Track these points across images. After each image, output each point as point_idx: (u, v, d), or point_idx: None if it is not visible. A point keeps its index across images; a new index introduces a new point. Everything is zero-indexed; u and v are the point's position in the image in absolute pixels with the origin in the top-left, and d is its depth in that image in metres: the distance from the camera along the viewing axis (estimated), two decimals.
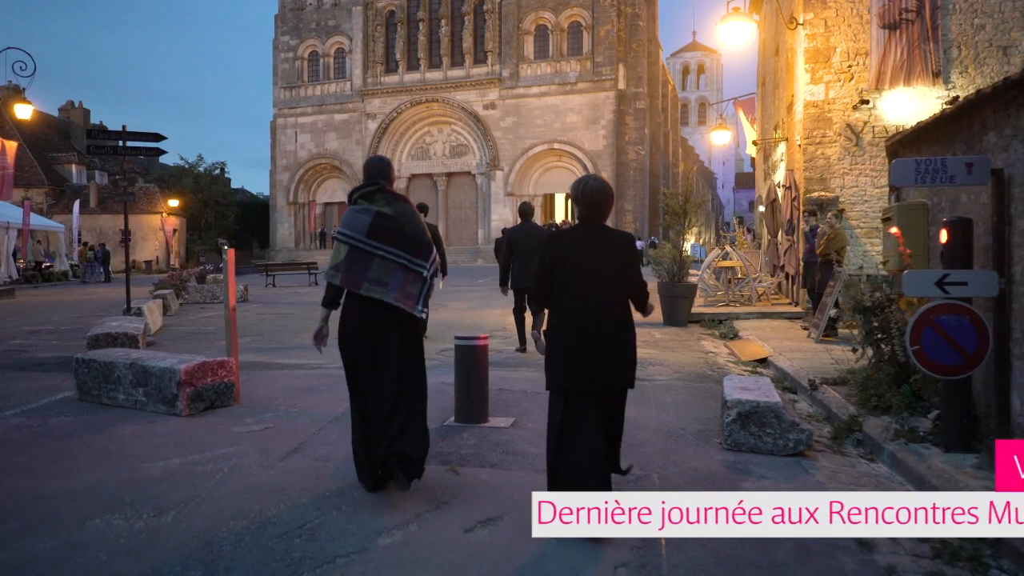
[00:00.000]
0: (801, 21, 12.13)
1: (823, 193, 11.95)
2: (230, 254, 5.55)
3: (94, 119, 50.03)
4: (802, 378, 7.01)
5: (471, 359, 4.86)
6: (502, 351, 8.56)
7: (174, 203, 41.82)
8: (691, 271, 13.50)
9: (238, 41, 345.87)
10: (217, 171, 48.89)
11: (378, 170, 3.75)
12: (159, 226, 41.73)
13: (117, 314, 10.70)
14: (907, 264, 4.69)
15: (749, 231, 24.73)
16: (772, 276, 14.86)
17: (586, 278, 3.27)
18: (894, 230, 4.52)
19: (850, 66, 12.05)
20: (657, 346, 9.35)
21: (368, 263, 3.55)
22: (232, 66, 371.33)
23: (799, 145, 12.49)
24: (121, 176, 9.66)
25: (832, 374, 6.85)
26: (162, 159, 57.14)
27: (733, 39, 11.91)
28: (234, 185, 56.91)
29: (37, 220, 31.36)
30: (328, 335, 3.77)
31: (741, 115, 20.37)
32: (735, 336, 10.26)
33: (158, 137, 9.54)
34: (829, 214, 10.53)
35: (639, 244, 37.99)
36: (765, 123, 18.22)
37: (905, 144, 5.98)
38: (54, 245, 32.52)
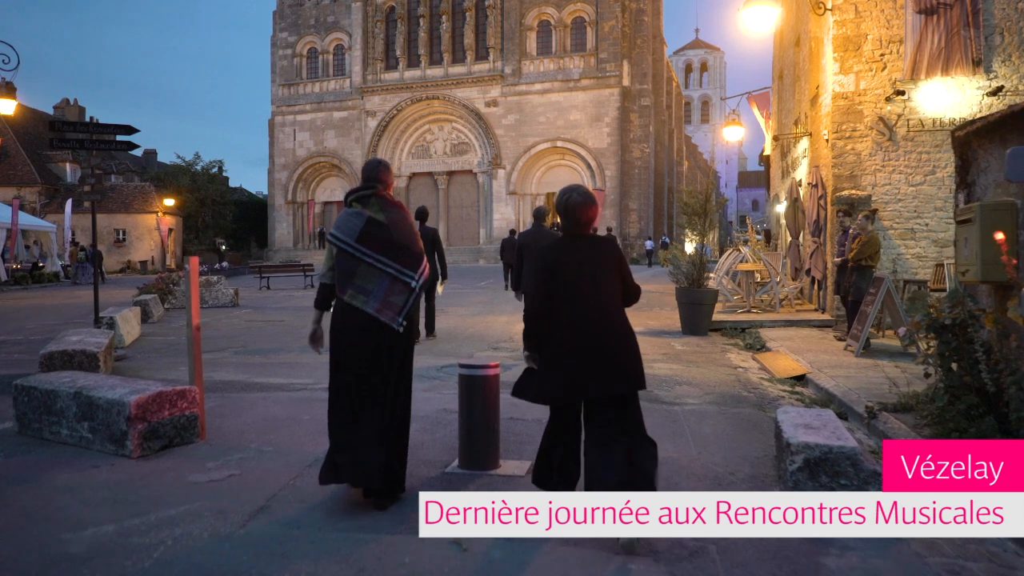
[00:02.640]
0: (829, 6, 11.26)
1: (854, 191, 11.09)
2: (192, 262, 4.68)
3: (87, 118, 49.21)
4: (853, 402, 6.16)
5: (479, 393, 4.00)
6: (510, 367, 7.69)
7: (170, 202, 40.98)
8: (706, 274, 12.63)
9: (238, 39, 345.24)
10: (215, 169, 48.07)
11: (375, 172, 3.67)
12: (154, 226, 40.91)
13: (92, 323, 9.85)
14: (1011, 276, 3.84)
15: (761, 231, 23.81)
16: (794, 280, 14.00)
17: (583, 289, 3.26)
18: (1000, 236, 3.67)
19: (883, 54, 11.18)
20: (679, 360, 8.49)
21: (355, 269, 3.50)
22: (232, 64, 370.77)
23: (826, 140, 11.63)
24: (90, 172, 8.83)
25: (889, 398, 5.99)
26: (159, 157, 56.38)
27: (756, 25, 11.04)
28: (233, 184, 56.17)
29: (26, 219, 30.54)
30: (323, 336, 3.75)
31: (755, 110, 19.50)
32: (763, 348, 9.41)
33: (129, 129, 8.70)
34: (860, 215, 9.67)
35: (648, 244, 37.20)
36: (783, 118, 17.35)
37: (982, 135, 5.11)
38: (47, 245, 31.71)
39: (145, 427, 4.37)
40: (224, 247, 45.72)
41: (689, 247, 12.02)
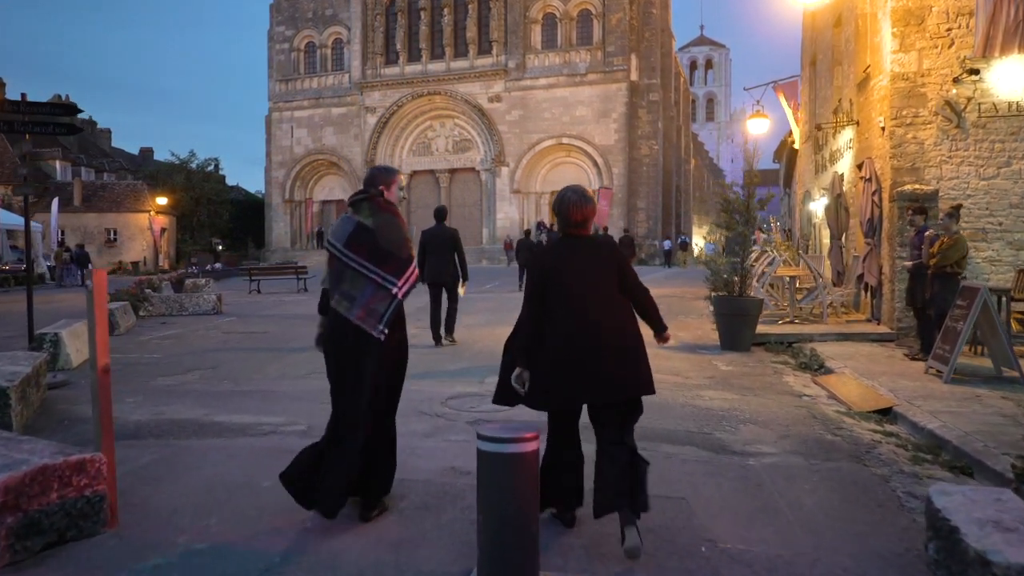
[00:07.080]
0: None
1: (917, 186, 9.70)
2: (97, 276, 3.28)
3: (83, 115, 47.85)
4: (979, 452, 4.76)
5: (510, 478, 2.62)
6: None
7: (163, 201, 39.53)
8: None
9: (236, 36, 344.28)
10: (210, 167, 46.70)
11: (370, 178, 3.74)
12: (147, 225, 39.52)
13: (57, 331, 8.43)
14: None
15: (784, 230, 22.42)
16: (836, 285, 12.63)
17: (572, 292, 3.20)
18: None
19: (949, 29, 9.79)
20: (730, 385, 7.10)
21: (343, 274, 3.53)
22: (229, 62, 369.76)
23: (882, 128, 10.24)
24: (21, 162, 7.51)
25: None
26: (156, 156, 55.00)
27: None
28: (230, 182, 54.74)
29: (10, 218, 29.22)
30: None
31: (782, 100, 18.12)
32: (822, 368, 8.03)
33: (70, 110, 7.32)
34: (941, 214, 8.28)
35: (665, 244, 35.77)
36: (817, 107, 15.94)
37: None
38: (34, 245, 30.39)
39: (18, 520, 3.00)
40: (220, 247, 44.29)
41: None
